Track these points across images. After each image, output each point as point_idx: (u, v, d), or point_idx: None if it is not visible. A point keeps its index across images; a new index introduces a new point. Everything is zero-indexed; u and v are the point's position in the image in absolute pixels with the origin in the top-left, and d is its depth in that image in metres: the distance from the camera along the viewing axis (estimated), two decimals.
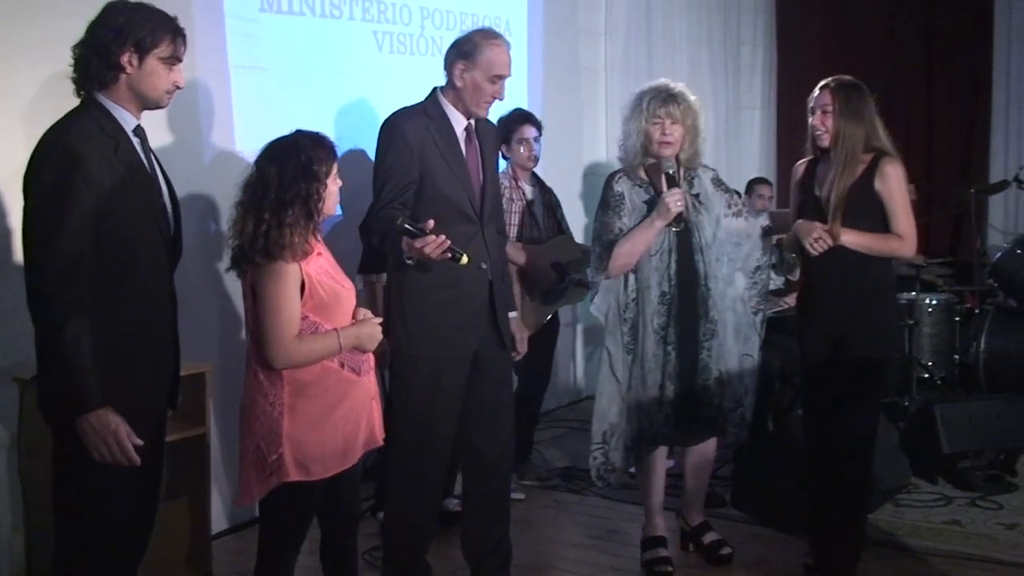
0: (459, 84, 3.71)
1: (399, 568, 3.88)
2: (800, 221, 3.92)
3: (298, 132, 3.09)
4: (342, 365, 3.07)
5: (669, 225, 3.97)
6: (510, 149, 5.15)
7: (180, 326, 3.08)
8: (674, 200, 3.89)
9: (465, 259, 3.38)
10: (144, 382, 2.90)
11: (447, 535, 4.48)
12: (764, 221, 4.20)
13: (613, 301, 4.10)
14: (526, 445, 5.39)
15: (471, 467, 4.00)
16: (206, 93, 4.56)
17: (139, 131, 2.92)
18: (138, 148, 2.89)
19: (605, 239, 4.04)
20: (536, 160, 5.27)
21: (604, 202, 4.10)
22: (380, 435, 3.27)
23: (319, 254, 3.09)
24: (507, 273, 4.07)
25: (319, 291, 3.02)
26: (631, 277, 4.06)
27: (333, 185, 3.08)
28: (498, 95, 3.76)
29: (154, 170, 2.96)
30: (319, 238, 3.12)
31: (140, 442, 2.77)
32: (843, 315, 3.89)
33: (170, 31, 2.91)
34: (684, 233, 4.02)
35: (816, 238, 3.78)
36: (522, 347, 4.10)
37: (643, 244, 3.99)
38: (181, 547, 4.11)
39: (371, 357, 3.20)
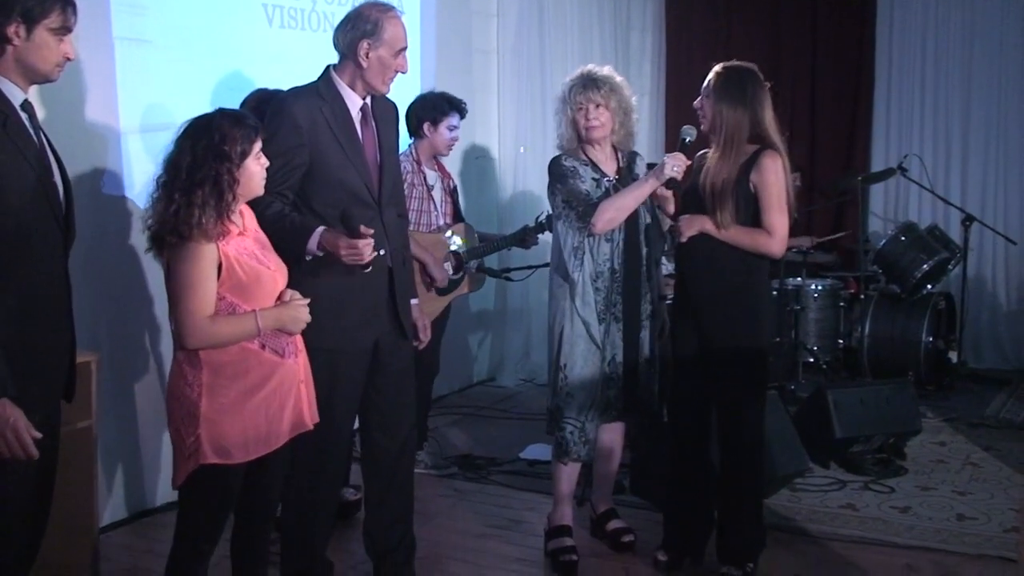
0: (364, 64, 3.55)
1: (298, 564, 3.74)
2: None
3: (219, 110, 2.99)
4: (263, 347, 2.98)
5: (662, 186, 3.90)
6: (435, 130, 5.05)
7: None
8: (673, 164, 3.80)
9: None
10: (39, 371, 2.74)
11: (343, 527, 4.37)
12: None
13: (588, 269, 4.02)
14: (421, 432, 5.28)
15: (371, 461, 3.86)
16: (89, 66, 4.31)
17: (27, 106, 2.75)
18: (27, 124, 2.71)
19: (580, 200, 3.99)
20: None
21: (560, 176, 4.04)
22: (311, 419, 3.18)
23: (241, 234, 2.98)
24: (408, 259, 3.94)
25: (238, 271, 2.91)
26: (604, 246, 4.01)
27: (255, 165, 2.99)
28: (402, 68, 3.63)
29: (44, 147, 2.78)
30: (237, 218, 2.99)
31: (39, 435, 2.63)
32: (714, 308, 3.84)
33: (60, 1, 2.74)
34: (631, 214, 3.98)
35: (678, 227, 3.78)
36: (425, 335, 3.99)
37: (634, 202, 3.94)
38: (67, 541, 3.89)
39: (298, 339, 3.12)
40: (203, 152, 2.86)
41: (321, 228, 3.41)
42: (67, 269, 2.86)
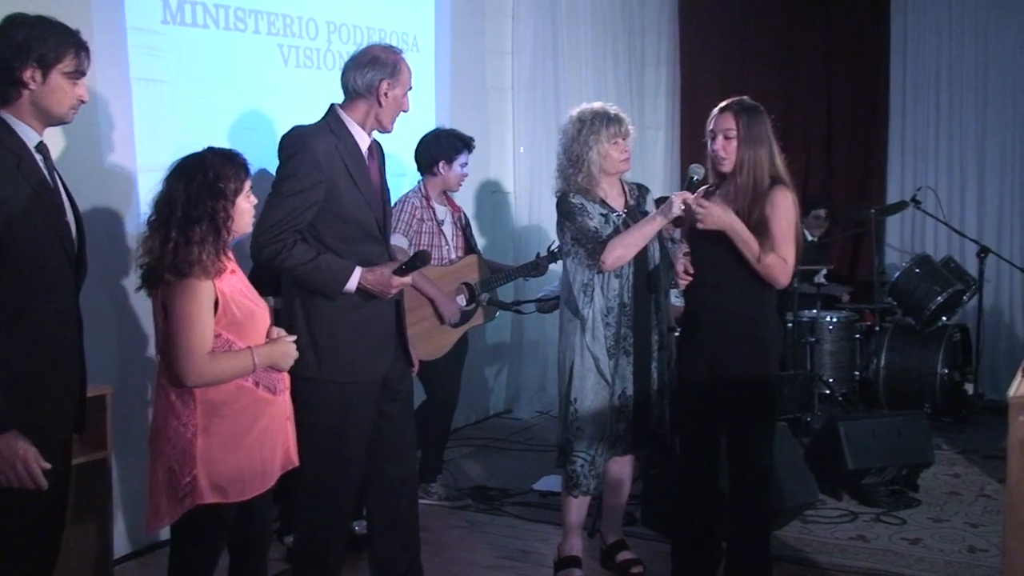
0: (383, 103, 3.63)
1: None
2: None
3: (209, 149, 3.02)
4: (257, 384, 3.01)
5: (669, 224, 3.97)
6: (450, 168, 5.14)
7: None
8: (680, 202, 3.85)
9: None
10: (50, 404, 2.80)
11: (354, 559, 4.39)
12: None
13: (598, 305, 4.07)
14: (436, 464, 5.33)
15: (378, 489, 3.90)
16: (106, 106, 4.43)
17: (42, 147, 2.83)
18: (41, 165, 2.80)
19: (589, 237, 4.04)
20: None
21: (568, 213, 4.09)
22: (295, 457, 3.20)
23: (232, 272, 3.02)
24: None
25: (233, 309, 2.95)
26: (614, 282, 4.06)
27: (245, 203, 3.02)
28: (406, 108, 3.74)
29: (57, 187, 2.86)
30: (231, 256, 3.04)
31: (48, 466, 2.68)
32: (722, 338, 3.86)
33: (73, 45, 2.84)
34: (640, 249, 4.05)
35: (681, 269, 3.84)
36: (416, 361, 4.06)
37: (643, 239, 4.01)
38: (81, 572, 3.96)
39: (285, 377, 3.14)
40: (198, 190, 2.89)
41: (360, 269, 3.52)
42: (78, 306, 2.92)
